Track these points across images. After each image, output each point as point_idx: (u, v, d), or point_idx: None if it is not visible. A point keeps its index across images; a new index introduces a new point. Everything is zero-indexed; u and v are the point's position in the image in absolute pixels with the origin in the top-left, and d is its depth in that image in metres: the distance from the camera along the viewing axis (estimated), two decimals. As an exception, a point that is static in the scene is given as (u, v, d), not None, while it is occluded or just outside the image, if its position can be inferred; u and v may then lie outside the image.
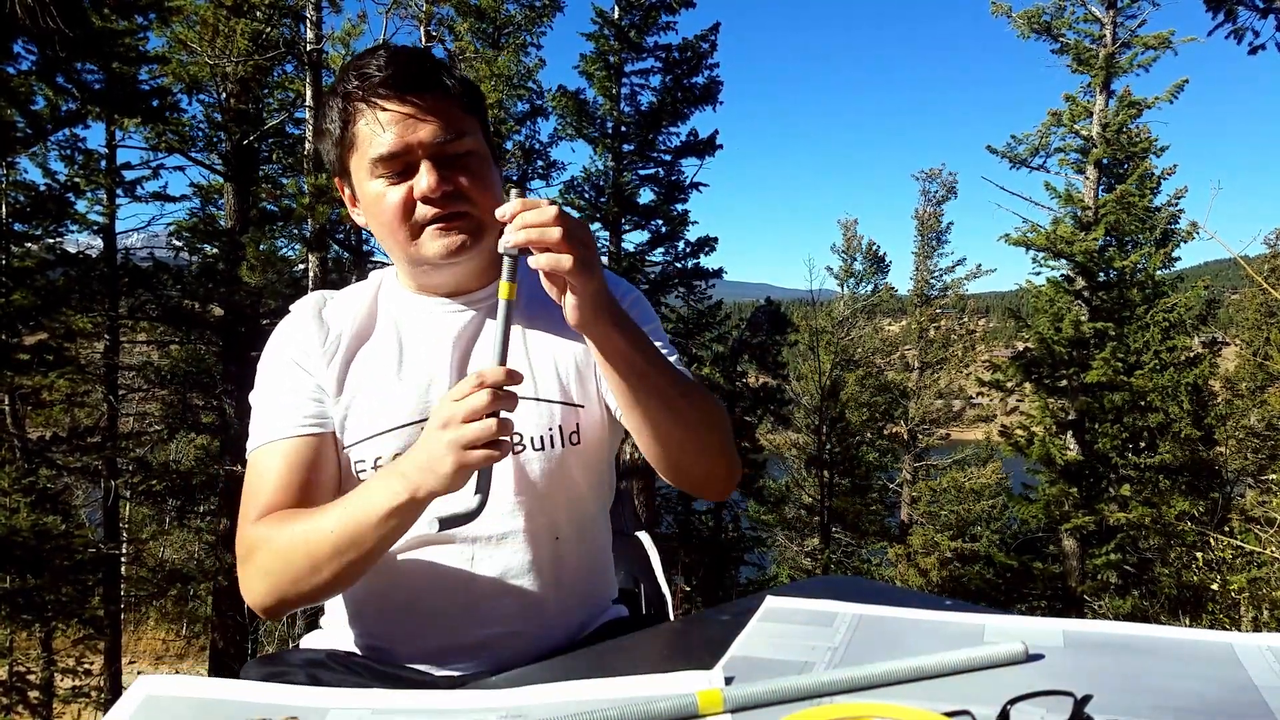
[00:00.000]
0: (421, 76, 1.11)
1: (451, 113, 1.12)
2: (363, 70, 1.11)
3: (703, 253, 15.87)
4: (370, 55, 1.13)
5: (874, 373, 22.03)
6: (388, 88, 1.09)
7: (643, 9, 14.99)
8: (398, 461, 1.02)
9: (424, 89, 1.10)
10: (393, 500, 0.99)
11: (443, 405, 0.98)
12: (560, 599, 1.21)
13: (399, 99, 1.09)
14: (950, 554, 16.88)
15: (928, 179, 22.89)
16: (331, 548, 1.02)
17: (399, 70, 1.10)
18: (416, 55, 1.14)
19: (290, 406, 1.16)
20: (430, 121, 1.10)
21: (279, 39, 11.37)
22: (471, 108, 1.16)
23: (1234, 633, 0.88)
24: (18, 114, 9.18)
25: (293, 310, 1.24)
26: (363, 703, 0.79)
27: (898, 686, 0.79)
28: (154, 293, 12.49)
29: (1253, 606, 8.01)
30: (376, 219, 1.15)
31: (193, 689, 0.81)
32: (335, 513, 1.03)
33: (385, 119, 1.09)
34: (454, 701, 0.80)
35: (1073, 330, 13.58)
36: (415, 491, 0.98)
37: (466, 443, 0.95)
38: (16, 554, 8.20)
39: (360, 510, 1.02)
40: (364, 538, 1.02)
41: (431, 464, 0.97)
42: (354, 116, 1.12)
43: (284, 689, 0.82)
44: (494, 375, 0.96)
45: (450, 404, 0.97)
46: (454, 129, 1.11)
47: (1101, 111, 13.89)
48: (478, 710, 0.78)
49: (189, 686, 0.82)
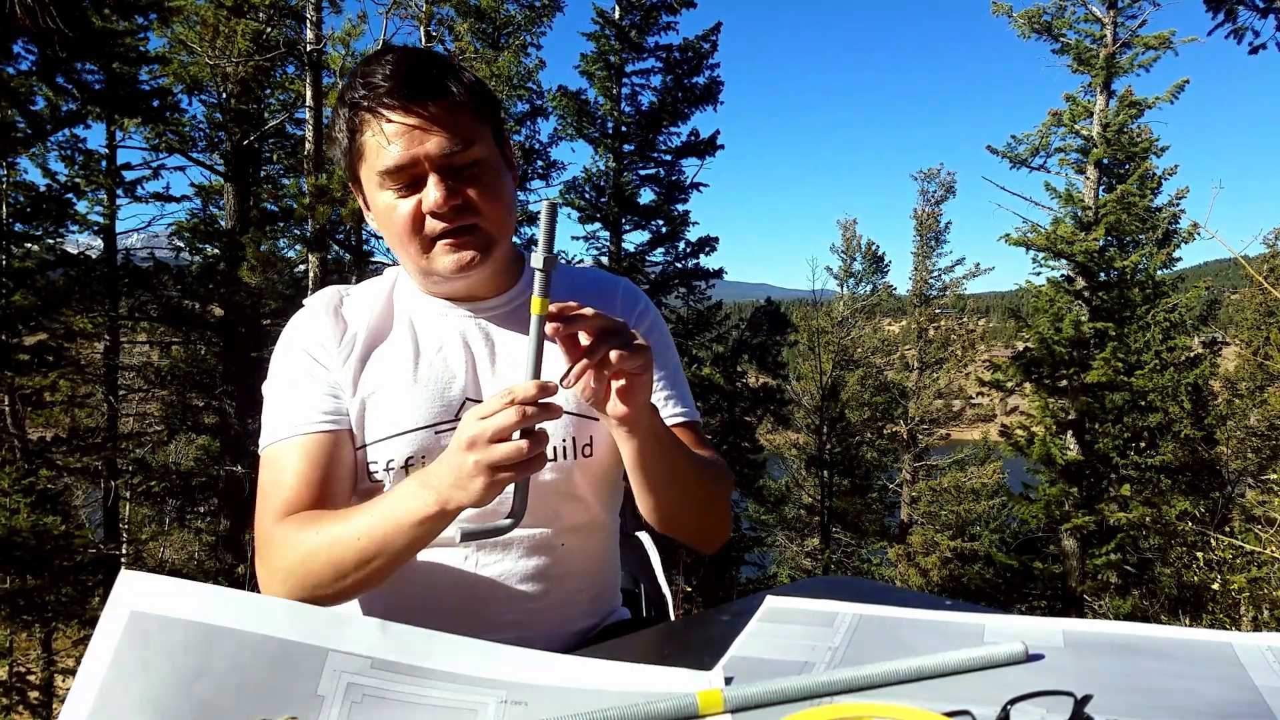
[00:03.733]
0: (428, 84, 1.08)
1: (459, 121, 1.10)
2: (369, 78, 1.08)
3: (703, 253, 15.87)
4: (377, 61, 1.10)
5: (874, 373, 22.03)
6: (394, 97, 1.07)
7: (643, 9, 14.98)
8: (427, 472, 1.00)
9: (431, 97, 1.08)
10: (423, 511, 0.98)
11: (469, 423, 0.94)
12: (565, 607, 1.21)
13: (404, 109, 1.07)
14: (950, 554, 16.88)
15: (926, 179, 22.88)
16: (356, 555, 1.01)
17: (405, 78, 1.07)
18: (424, 60, 1.11)
19: (307, 402, 1.14)
20: (437, 132, 1.08)
21: (279, 39, 11.37)
22: (481, 112, 1.13)
23: (1234, 633, 0.88)
24: (18, 114, 9.17)
25: (308, 304, 1.22)
26: (363, 648, 0.77)
27: (898, 686, 0.78)
28: (154, 293, 12.50)
29: (1253, 606, 8.01)
30: (388, 231, 1.14)
31: (183, 606, 0.74)
32: (361, 520, 1.02)
33: (391, 130, 1.07)
34: (456, 663, 0.79)
35: (1073, 330, 13.57)
36: (445, 504, 0.97)
37: (494, 464, 0.92)
38: (16, 554, 8.19)
39: (389, 519, 1.00)
40: (391, 546, 1.01)
41: (460, 482, 0.95)
42: (361, 127, 1.10)
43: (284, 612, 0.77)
44: (524, 391, 0.93)
45: (477, 422, 0.93)
46: (461, 139, 1.09)
47: (1102, 111, 13.88)
48: (479, 683, 0.77)
49: (179, 602, 0.75)
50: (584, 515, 1.22)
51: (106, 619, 0.73)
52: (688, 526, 1.20)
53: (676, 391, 1.27)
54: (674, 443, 1.10)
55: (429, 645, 0.79)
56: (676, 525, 1.18)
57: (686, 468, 1.13)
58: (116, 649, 0.72)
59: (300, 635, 0.76)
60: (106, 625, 0.73)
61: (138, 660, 0.72)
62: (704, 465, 1.17)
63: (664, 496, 1.14)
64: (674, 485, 1.13)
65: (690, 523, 1.20)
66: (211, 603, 0.75)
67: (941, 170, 22.72)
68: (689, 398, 1.29)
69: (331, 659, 0.75)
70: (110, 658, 0.72)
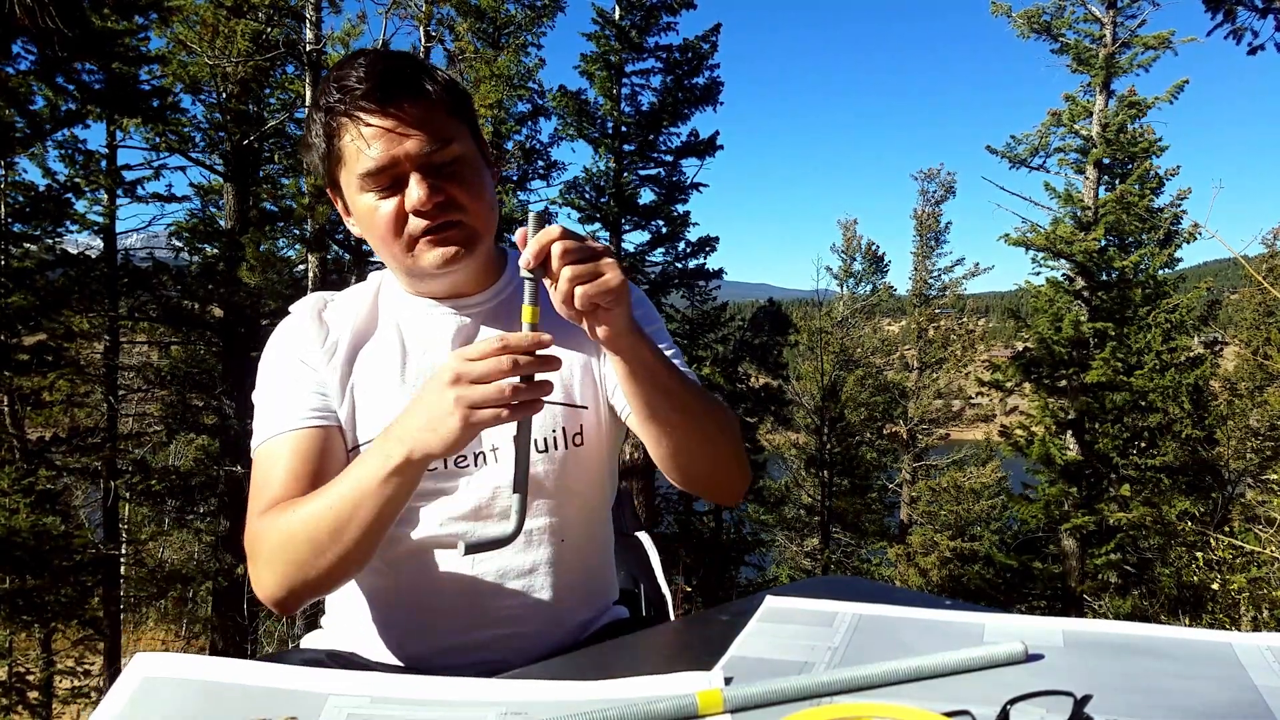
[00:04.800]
0: (403, 84, 1.08)
1: (437, 120, 1.09)
2: (343, 81, 1.08)
3: (703, 253, 15.87)
4: (350, 65, 1.09)
5: (873, 373, 22.04)
6: (370, 99, 1.06)
7: (644, 9, 14.99)
8: (390, 426, 0.99)
9: (407, 97, 1.07)
10: (387, 463, 0.97)
11: (453, 359, 0.93)
12: (562, 599, 1.20)
13: (381, 111, 1.06)
14: (950, 554, 16.88)
15: (926, 179, 22.90)
16: (330, 525, 1.00)
17: (380, 80, 1.07)
18: (397, 61, 1.10)
19: (295, 400, 1.15)
20: (415, 133, 1.07)
21: (279, 39, 11.38)
22: (457, 110, 1.13)
23: (1234, 633, 0.88)
24: (18, 114, 9.18)
25: (292, 311, 1.23)
26: (362, 689, 0.79)
27: (898, 686, 0.78)
28: (154, 293, 12.49)
29: (1253, 606, 8.00)
30: (370, 233, 1.13)
31: (191, 669, 0.81)
32: (332, 490, 1.02)
33: (370, 133, 1.07)
34: (454, 692, 0.80)
35: (1072, 330, 13.58)
36: (411, 453, 0.95)
37: (475, 402, 0.91)
38: (16, 554, 8.19)
39: (355, 481, 0.99)
40: (361, 508, 0.99)
41: (433, 422, 0.93)
42: (338, 131, 1.09)
43: (285, 670, 0.82)
44: (519, 339, 0.91)
45: (463, 361, 0.92)
46: (440, 137, 1.09)
47: (1101, 111, 13.88)
48: (478, 704, 0.77)
49: (188, 667, 0.81)
50: (578, 506, 1.22)
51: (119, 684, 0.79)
52: (702, 464, 1.15)
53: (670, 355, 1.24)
54: (668, 368, 1.07)
55: (428, 683, 0.81)
56: (690, 464, 1.15)
57: (686, 394, 1.09)
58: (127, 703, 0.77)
59: (302, 686, 0.80)
60: (118, 688, 0.78)
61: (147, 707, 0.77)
62: (705, 394, 1.14)
63: (669, 427, 1.10)
64: (678, 409, 1.09)
65: (705, 460, 1.15)
66: (219, 668, 0.82)
67: (941, 170, 22.76)
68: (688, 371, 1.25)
69: (332, 700, 0.78)
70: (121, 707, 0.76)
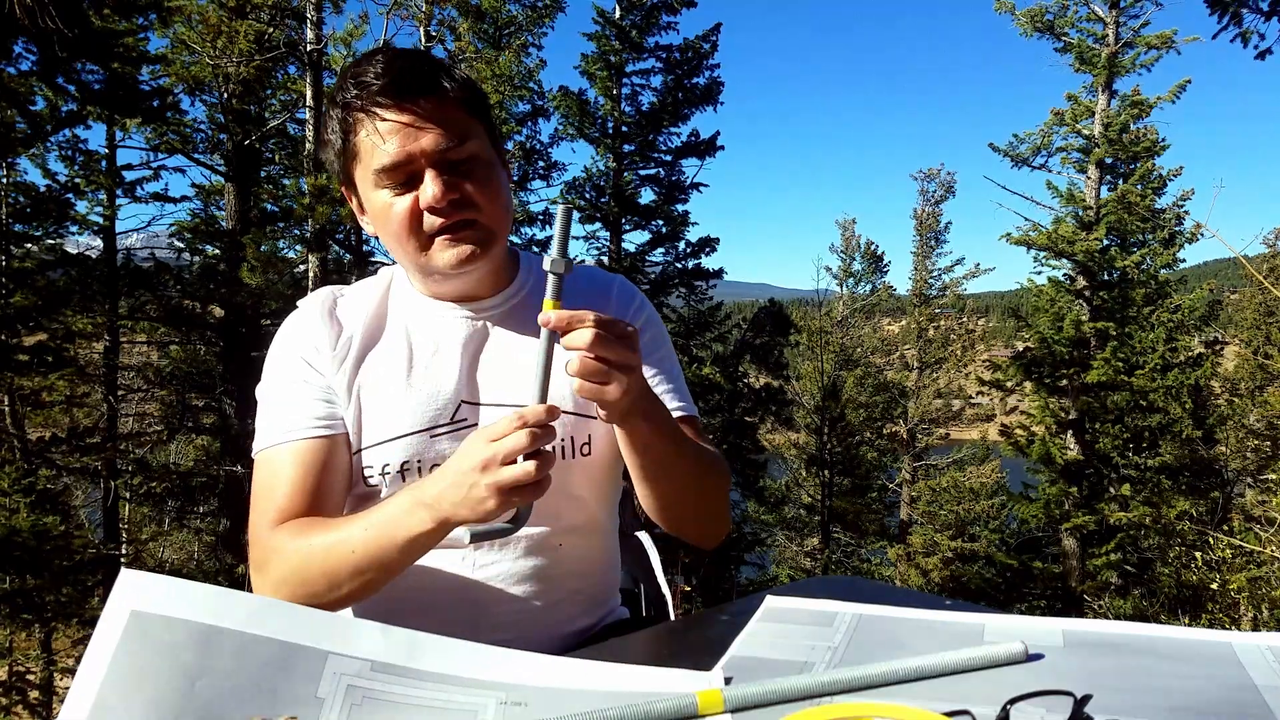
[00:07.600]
0: (420, 81, 1.07)
1: (454, 117, 1.09)
2: (361, 78, 1.08)
3: (703, 253, 15.86)
4: (368, 61, 1.09)
5: (873, 372, 22.04)
6: (387, 95, 1.06)
7: (644, 9, 14.98)
8: (424, 488, 0.99)
9: (424, 94, 1.07)
10: (421, 528, 0.99)
11: (478, 444, 0.94)
12: (562, 605, 1.20)
13: (398, 107, 1.06)
14: (950, 554, 16.89)
15: (926, 179, 22.91)
16: (352, 567, 1.02)
17: (397, 76, 1.07)
18: (415, 59, 1.10)
19: (302, 406, 1.14)
20: (432, 129, 1.07)
21: (280, 40, 11.37)
22: (474, 109, 1.13)
23: (1234, 633, 0.88)
24: (18, 114, 9.18)
25: (302, 306, 1.21)
26: (364, 650, 0.77)
27: (898, 686, 0.78)
28: (154, 293, 12.50)
29: (1253, 606, 8.00)
30: (385, 230, 1.13)
31: (185, 606, 0.74)
32: (357, 533, 1.02)
33: (385, 129, 1.06)
34: (455, 665, 0.79)
35: (1073, 330, 13.57)
36: (445, 522, 0.98)
37: (507, 486, 0.93)
38: (16, 554, 8.19)
39: (385, 534, 1.01)
40: (387, 560, 1.02)
41: (469, 504, 0.95)
42: (354, 127, 1.09)
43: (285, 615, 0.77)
44: (535, 415, 0.93)
45: (488, 445, 0.93)
46: (456, 134, 1.08)
47: (1104, 111, 13.88)
48: (478, 685, 0.77)
49: (180, 602, 0.74)
50: (582, 515, 1.22)
51: (106, 619, 0.73)
52: (687, 519, 1.19)
53: (673, 386, 1.26)
54: (671, 431, 1.09)
55: (428, 648, 0.79)
56: (676, 518, 1.18)
57: (684, 457, 1.12)
58: (116, 649, 0.72)
59: (300, 638, 0.76)
60: (106, 625, 0.73)
61: (138, 660, 0.72)
62: (702, 456, 1.16)
63: (662, 486, 1.13)
64: (672, 475, 1.12)
65: (690, 515, 1.19)
66: (212, 603, 0.75)
67: (941, 170, 22.78)
68: (686, 393, 1.28)
69: (332, 661, 0.75)
70: (110, 657, 0.71)
